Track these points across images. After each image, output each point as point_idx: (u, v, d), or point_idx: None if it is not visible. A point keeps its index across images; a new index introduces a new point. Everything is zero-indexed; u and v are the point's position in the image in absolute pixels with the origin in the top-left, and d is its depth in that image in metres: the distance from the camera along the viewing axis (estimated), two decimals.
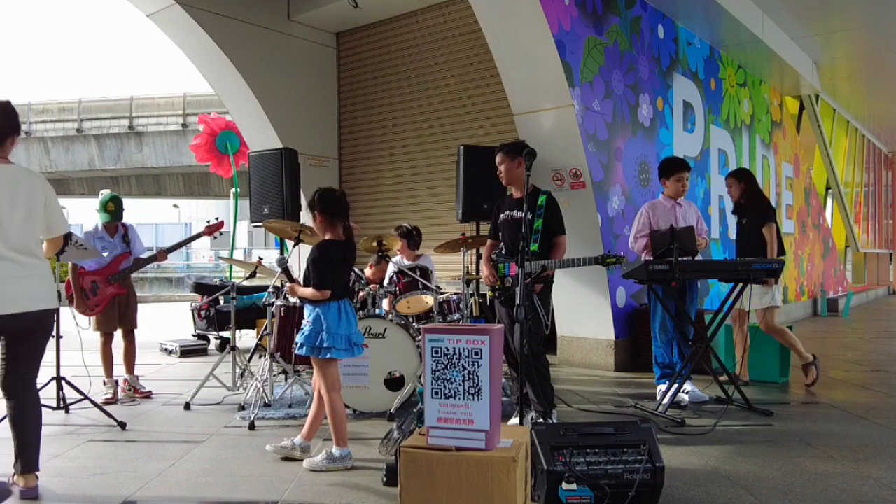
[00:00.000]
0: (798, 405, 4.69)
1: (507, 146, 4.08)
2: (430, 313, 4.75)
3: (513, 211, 4.05)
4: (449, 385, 2.30)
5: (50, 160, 28.20)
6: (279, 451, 3.38)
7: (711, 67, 8.44)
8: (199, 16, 7.09)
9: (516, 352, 3.90)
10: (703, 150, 8.08)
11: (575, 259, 3.85)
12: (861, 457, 3.40)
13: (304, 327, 3.28)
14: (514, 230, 3.95)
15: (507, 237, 4.04)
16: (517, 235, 3.88)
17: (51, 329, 3.03)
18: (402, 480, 2.27)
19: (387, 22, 8.14)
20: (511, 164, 4.01)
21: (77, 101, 28.27)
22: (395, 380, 4.28)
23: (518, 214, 3.98)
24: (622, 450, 2.65)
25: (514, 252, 3.88)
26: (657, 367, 4.80)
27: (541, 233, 3.90)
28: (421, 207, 7.87)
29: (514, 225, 3.98)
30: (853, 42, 9.59)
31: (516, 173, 4.00)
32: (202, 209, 36.40)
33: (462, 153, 5.69)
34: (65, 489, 2.98)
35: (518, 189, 4.09)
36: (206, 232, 5.08)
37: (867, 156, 16.97)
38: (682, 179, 4.83)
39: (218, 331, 7.29)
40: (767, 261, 4.37)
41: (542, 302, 3.86)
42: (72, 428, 4.03)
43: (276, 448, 3.39)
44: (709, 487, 2.96)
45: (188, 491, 2.96)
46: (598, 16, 6.21)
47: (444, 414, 2.30)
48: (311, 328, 3.24)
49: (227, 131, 9.34)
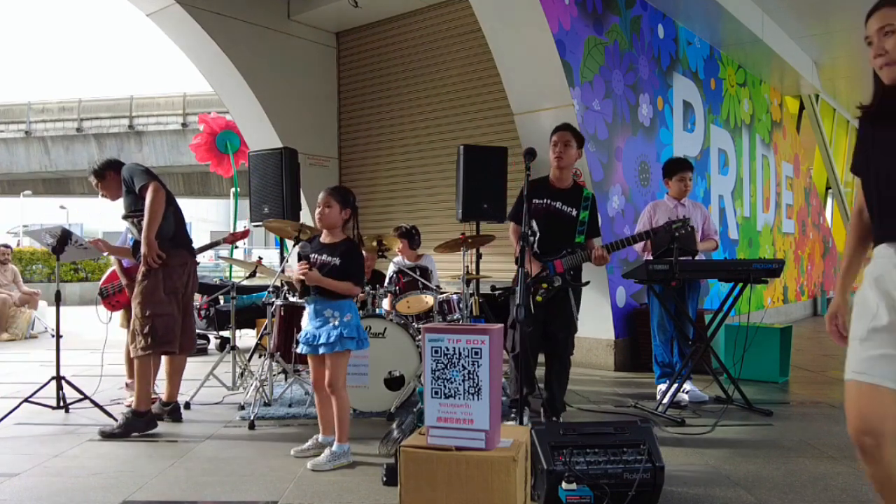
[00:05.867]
0: (798, 405, 4.69)
1: (576, 129, 3.96)
2: (430, 313, 4.75)
3: (555, 201, 3.89)
4: (449, 385, 2.30)
5: (50, 160, 28.20)
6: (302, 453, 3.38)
7: (711, 67, 8.44)
8: (199, 15, 7.09)
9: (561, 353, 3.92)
10: (703, 149, 8.08)
11: (634, 235, 3.91)
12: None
13: (340, 322, 3.23)
14: (555, 222, 3.83)
15: (543, 228, 3.57)
16: (558, 227, 3.83)
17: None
18: (402, 480, 2.27)
19: (387, 22, 8.14)
20: (576, 151, 3.91)
21: (77, 100, 28.28)
22: (395, 379, 4.28)
23: (560, 206, 3.88)
24: (622, 449, 2.66)
25: (550, 244, 3.76)
26: (657, 366, 4.81)
27: (586, 226, 3.86)
28: (417, 207, 7.86)
29: (555, 216, 3.86)
30: (853, 42, 9.58)
31: (574, 161, 3.92)
32: (202, 209, 36.38)
33: (462, 153, 5.68)
34: (65, 489, 2.97)
35: (565, 179, 3.97)
36: (229, 239, 5.01)
37: None
38: (684, 179, 4.83)
39: (218, 330, 7.29)
40: (768, 261, 4.37)
41: (576, 301, 3.85)
42: (72, 428, 4.02)
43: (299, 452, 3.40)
44: (709, 487, 2.96)
45: (188, 491, 2.96)
46: (598, 15, 6.21)
47: (444, 414, 2.30)
48: (354, 321, 3.26)
49: (226, 131, 9.34)
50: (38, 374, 5.63)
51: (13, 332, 8.85)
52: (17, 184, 30.42)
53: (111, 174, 4.26)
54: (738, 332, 5.07)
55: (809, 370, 6.05)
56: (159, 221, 3.85)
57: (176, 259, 3.96)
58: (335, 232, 3.34)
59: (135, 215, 3.99)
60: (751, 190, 9.52)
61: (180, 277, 4.01)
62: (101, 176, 4.33)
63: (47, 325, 9.24)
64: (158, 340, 3.87)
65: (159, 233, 3.86)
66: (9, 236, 25.84)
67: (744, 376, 4.74)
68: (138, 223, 3.94)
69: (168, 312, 3.92)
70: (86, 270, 15.87)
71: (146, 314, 3.86)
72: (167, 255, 3.89)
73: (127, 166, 4.10)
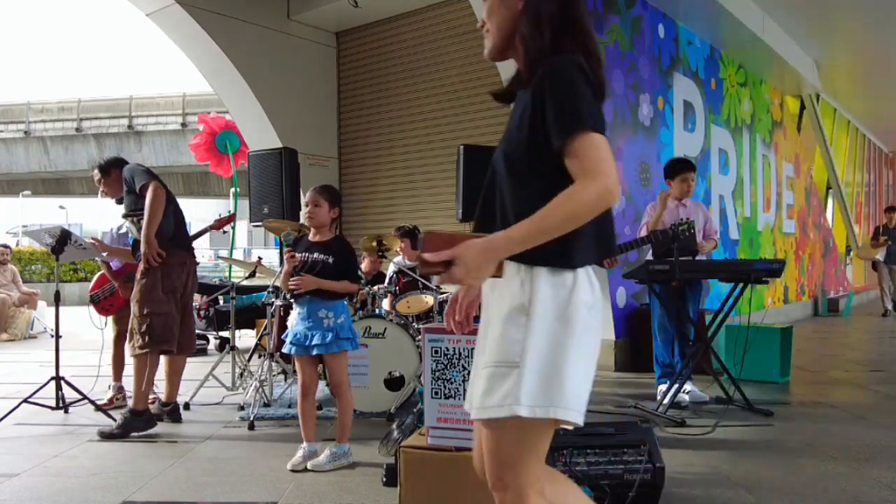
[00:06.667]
0: (798, 405, 4.68)
1: None
2: (430, 313, 4.74)
3: None
4: (449, 385, 2.29)
5: (49, 160, 28.21)
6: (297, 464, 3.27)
7: (712, 67, 8.43)
8: (199, 15, 7.08)
9: None
10: (703, 149, 8.07)
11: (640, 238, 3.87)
12: (862, 457, 3.39)
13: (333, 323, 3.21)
14: None
15: None
16: None
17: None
18: (402, 480, 2.26)
19: (386, 21, 8.13)
20: None
21: (76, 100, 28.30)
22: (394, 380, 4.28)
23: None
24: (622, 450, 2.65)
25: None
26: (657, 366, 4.80)
27: None
28: (417, 207, 7.86)
29: None
30: (854, 41, 9.59)
31: None
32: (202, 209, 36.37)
33: (462, 152, 5.67)
34: (64, 489, 2.97)
35: None
36: (215, 225, 5.00)
37: (868, 155, 16.96)
38: (686, 180, 4.83)
39: (217, 330, 7.29)
40: (768, 261, 4.36)
41: None
42: (71, 428, 4.02)
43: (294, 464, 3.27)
44: (709, 488, 2.95)
45: (188, 491, 2.95)
46: (598, 15, 6.20)
47: (443, 414, 2.29)
48: (347, 322, 3.25)
49: (226, 131, 9.33)
50: (37, 375, 5.62)
51: (12, 332, 8.85)
52: (17, 184, 30.43)
53: (115, 172, 4.28)
54: (738, 333, 5.06)
55: (810, 370, 6.04)
56: (159, 220, 3.85)
57: (175, 258, 3.96)
58: (324, 231, 3.34)
59: (135, 214, 3.99)
60: (751, 190, 9.52)
61: (179, 277, 4.01)
62: (106, 172, 4.34)
63: (46, 325, 9.25)
64: (156, 339, 3.87)
65: (159, 231, 3.86)
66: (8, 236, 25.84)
67: (744, 376, 4.73)
68: (138, 222, 3.95)
69: (166, 311, 3.92)
70: (85, 271, 15.87)
71: (144, 312, 3.86)
72: (166, 254, 3.89)
73: (128, 166, 4.12)
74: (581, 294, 1.45)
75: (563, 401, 1.40)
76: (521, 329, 1.43)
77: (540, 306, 1.43)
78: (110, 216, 5.49)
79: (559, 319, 1.43)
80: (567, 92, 1.46)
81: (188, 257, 4.11)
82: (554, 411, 1.40)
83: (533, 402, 1.39)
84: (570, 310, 1.44)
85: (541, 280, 1.44)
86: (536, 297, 1.43)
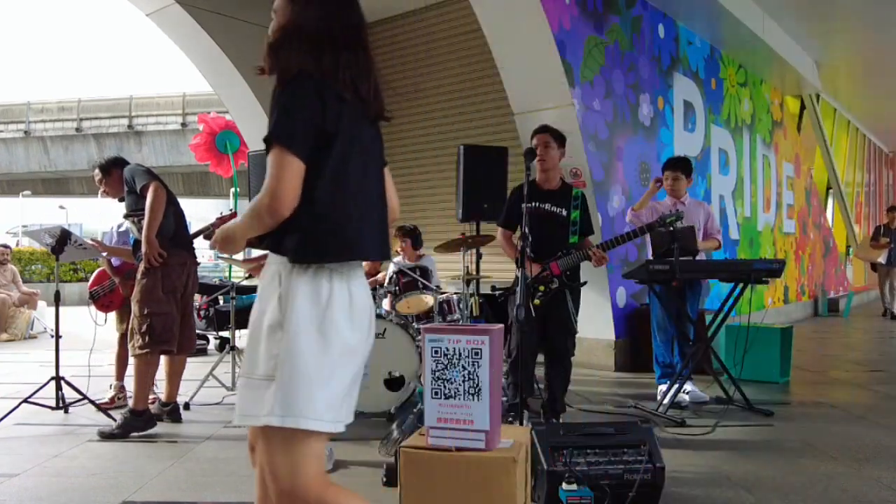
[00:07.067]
0: (798, 405, 4.68)
1: (555, 130, 3.94)
2: (430, 313, 4.74)
3: (543, 203, 3.87)
4: (449, 385, 2.29)
5: (49, 159, 28.19)
6: None
7: (712, 67, 8.43)
8: (199, 15, 7.08)
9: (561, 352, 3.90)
10: (703, 149, 8.07)
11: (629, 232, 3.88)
12: (862, 457, 3.39)
13: None
14: (546, 224, 3.79)
15: (535, 230, 3.48)
16: (549, 229, 3.79)
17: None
18: (402, 481, 2.26)
19: (386, 21, 8.12)
20: (557, 151, 3.91)
21: (76, 100, 28.27)
22: (394, 380, 4.28)
23: (549, 208, 3.88)
24: (622, 450, 2.65)
25: (544, 246, 3.72)
26: (657, 365, 4.80)
27: (578, 225, 3.85)
28: (417, 207, 7.85)
29: (546, 218, 3.82)
30: (854, 41, 9.58)
31: (557, 161, 3.92)
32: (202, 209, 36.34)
33: (462, 152, 5.67)
34: (64, 489, 2.97)
35: (551, 180, 3.97)
36: (217, 223, 4.98)
37: (868, 155, 16.96)
38: (669, 178, 4.82)
39: (217, 330, 7.28)
40: (768, 261, 4.36)
41: (574, 302, 3.85)
42: (71, 428, 4.02)
43: None
44: (709, 488, 2.95)
45: (188, 491, 2.95)
46: (598, 15, 6.20)
47: (444, 414, 2.29)
48: None
49: (226, 131, 9.31)
50: (37, 375, 5.62)
51: (12, 332, 8.84)
52: (17, 184, 30.41)
53: (116, 172, 4.28)
54: (738, 333, 5.06)
55: (810, 370, 6.04)
56: (160, 220, 3.85)
57: (175, 258, 3.96)
58: None
59: (136, 214, 3.99)
60: (751, 190, 9.52)
61: (179, 277, 4.01)
62: (106, 172, 4.34)
63: (46, 325, 9.24)
64: (156, 339, 3.87)
65: (159, 232, 3.86)
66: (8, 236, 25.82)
67: (744, 377, 4.73)
68: (139, 222, 3.95)
69: (166, 311, 3.92)
70: (85, 271, 15.84)
71: (144, 312, 3.86)
72: (167, 255, 3.89)
73: (129, 167, 4.12)
74: (336, 307, 1.57)
75: (312, 412, 1.54)
76: (278, 344, 1.56)
77: (294, 322, 1.55)
78: (110, 216, 5.49)
79: (313, 333, 1.55)
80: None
81: (189, 257, 4.11)
82: (304, 422, 1.54)
83: (283, 413, 1.54)
84: (324, 325, 1.56)
85: (298, 295, 1.56)
86: (292, 312, 1.56)
